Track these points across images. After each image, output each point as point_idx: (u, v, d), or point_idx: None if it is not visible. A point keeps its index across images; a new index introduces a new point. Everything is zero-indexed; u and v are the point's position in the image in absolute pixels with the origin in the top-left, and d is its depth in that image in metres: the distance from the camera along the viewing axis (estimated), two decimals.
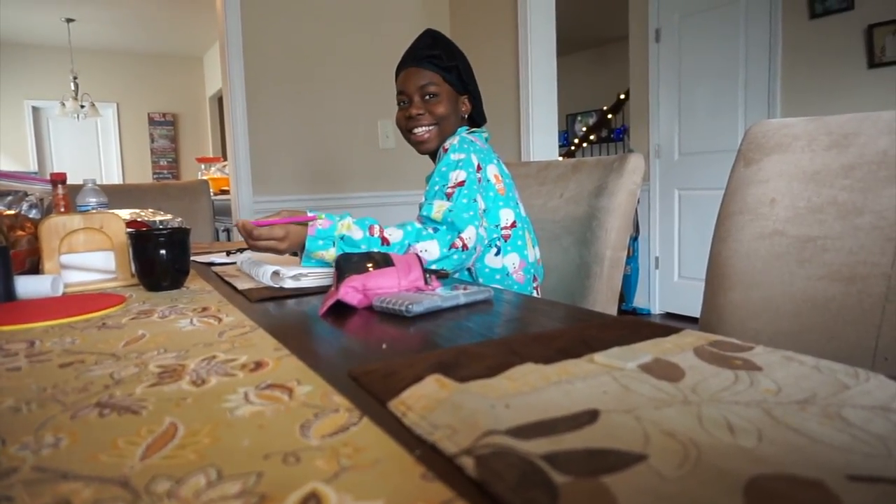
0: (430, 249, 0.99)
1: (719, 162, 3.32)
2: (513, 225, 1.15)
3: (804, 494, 0.26)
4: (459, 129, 1.23)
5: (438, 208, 1.04)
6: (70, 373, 0.49)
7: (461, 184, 1.07)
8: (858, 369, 0.42)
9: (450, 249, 1.01)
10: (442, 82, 1.20)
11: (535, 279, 1.18)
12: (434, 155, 1.25)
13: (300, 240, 0.96)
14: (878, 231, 0.66)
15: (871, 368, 0.43)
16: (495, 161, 1.17)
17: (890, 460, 0.29)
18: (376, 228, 0.99)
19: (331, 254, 0.95)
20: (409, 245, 0.99)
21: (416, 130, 1.21)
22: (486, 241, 1.13)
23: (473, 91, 1.25)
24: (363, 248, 0.96)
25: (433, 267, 1.00)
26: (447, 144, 1.16)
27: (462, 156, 1.11)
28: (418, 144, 1.23)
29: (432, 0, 3.17)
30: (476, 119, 1.29)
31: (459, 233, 1.02)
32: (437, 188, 1.09)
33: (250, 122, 2.69)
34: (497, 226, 1.14)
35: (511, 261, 1.16)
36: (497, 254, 1.15)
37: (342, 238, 0.96)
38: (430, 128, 1.21)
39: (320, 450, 0.33)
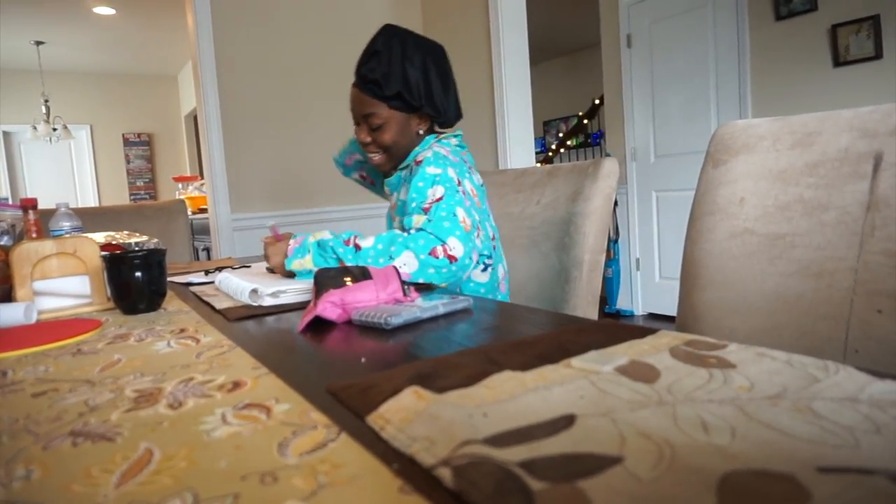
0: (409, 261, 0.95)
1: (694, 163, 3.37)
2: (493, 237, 1.16)
3: (775, 488, 0.27)
4: (427, 139, 1.19)
5: (416, 221, 1.01)
6: (43, 402, 0.49)
7: (439, 199, 1.03)
8: (829, 362, 0.43)
9: (430, 256, 0.95)
10: (386, 109, 1.14)
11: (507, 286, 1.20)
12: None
13: (282, 267, 1.04)
14: (843, 226, 0.67)
15: (843, 361, 0.44)
16: (467, 175, 1.12)
17: (858, 450, 0.30)
18: (352, 238, 0.99)
19: (307, 260, 1.00)
20: (383, 251, 0.96)
21: (369, 154, 1.21)
22: (481, 254, 1.09)
23: (432, 100, 1.15)
24: (332, 246, 0.99)
25: (420, 281, 0.97)
26: (420, 157, 1.12)
27: (438, 170, 1.06)
28: (375, 165, 1.22)
29: (405, 14, 3.19)
30: (444, 122, 1.22)
31: (442, 242, 0.96)
32: (413, 205, 1.05)
33: (226, 139, 2.67)
34: (492, 238, 1.13)
35: (499, 273, 1.16)
36: (484, 269, 1.14)
37: (317, 244, 1.01)
38: (381, 154, 1.19)
39: (298, 468, 0.33)
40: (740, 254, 0.75)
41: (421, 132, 1.19)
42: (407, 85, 1.12)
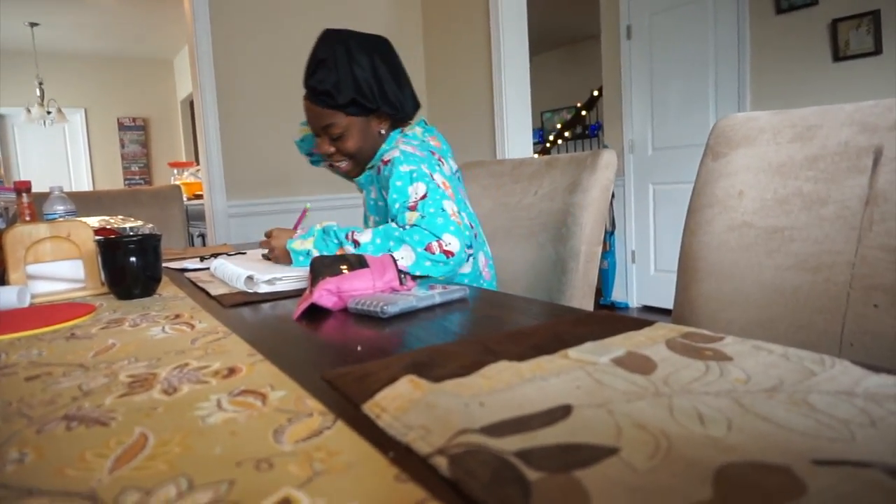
0: (406, 255, 0.95)
1: (692, 156, 3.37)
2: (471, 226, 1.15)
3: (771, 480, 0.27)
4: (392, 135, 1.16)
5: (410, 218, 1.00)
6: (37, 385, 0.48)
7: (423, 197, 1.01)
8: (824, 356, 0.43)
9: (426, 251, 0.95)
10: (344, 117, 1.12)
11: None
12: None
13: (283, 249, 1.04)
14: (841, 221, 0.67)
15: (838, 354, 0.44)
16: (437, 168, 1.09)
17: (853, 444, 0.30)
18: (351, 234, 1.00)
19: (308, 242, 1.01)
20: (381, 245, 0.97)
21: (335, 164, 1.19)
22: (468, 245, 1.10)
23: (387, 99, 1.13)
24: (335, 231, 1.00)
25: (417, 274, 0.96)
26: (387, 156, 1.09)
27: (412, 167, 1.05)
28: (344, 173, 1.20)
29: (404, 4, 3.17)
30: (404, 117, 1.19)
31: (437, 238, 0.96)
32: (397, 206, 1.03)
33: (222, 125, 2.65)
34: (471, 227, 1.13)
35: (480, 261, 1.16)
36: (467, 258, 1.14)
37: (322, 229, 1.02)
38: (348, 161, 1.17)
39: (293, 455, 0.32)
40: (738, 246, 0.76)
41: (383, 131, 1.17)
42: (359, 89, 1.10)
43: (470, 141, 2.95)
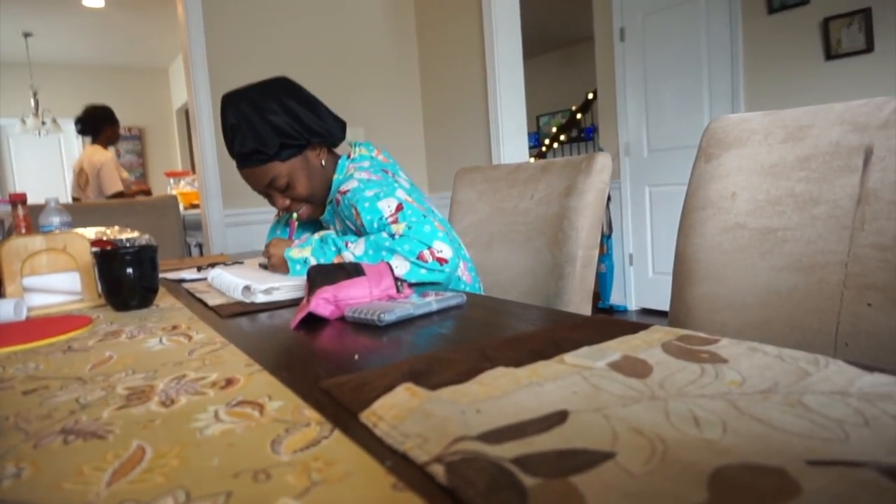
0: (400, 264, 0.94)
1: (687, 157, 3.37)
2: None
3: (766, 482, 0.27)
4: (341, 165, 1.17)
5: (396, 230, 0.98)
6: (34, 399, 0.48)
7: (400, 208, 1.01)
8: (819, 356, 0.43)
9: (418, 260, 0.94)
10: (282, 165, 1.11)
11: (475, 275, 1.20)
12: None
13: (281, 258, 1.05)
14: (833, 220, 0.68)
15: (833, 354, 0.44)
16: (396, 186, 1.09)
17: (847, 444, 0.30)
18: (346, 243, 1.00)
19: (307, 250, 1.02)
20: (374, 256, 0.97)
21: (297, 214, 1.18)
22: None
23: (312, 130, 1.13)
24: (333, 239, 1.01)
25: (412, 282, 0.96)
26: (344, 187, 1.09)
27: (375, 190, 1.05)
28: (308, 218, 1.20)
29: (399, 9, 3.18)
30: (336, 141, 1.19)
31: (428, 246, 0.95)
32: (376, 224, 1.02)
33: (218, 134, 2.65)
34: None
35: (459, 265, 1.16)
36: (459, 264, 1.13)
37: (320, 239, 1.03)
38: (306, 205, 1.17)
39: (291, 465, 0.33)
40: (732, 248, 0.76)
41: (324, 162, 1.17)
42: (283, 132, 1.10)
43: (465, 146, 2.96)
